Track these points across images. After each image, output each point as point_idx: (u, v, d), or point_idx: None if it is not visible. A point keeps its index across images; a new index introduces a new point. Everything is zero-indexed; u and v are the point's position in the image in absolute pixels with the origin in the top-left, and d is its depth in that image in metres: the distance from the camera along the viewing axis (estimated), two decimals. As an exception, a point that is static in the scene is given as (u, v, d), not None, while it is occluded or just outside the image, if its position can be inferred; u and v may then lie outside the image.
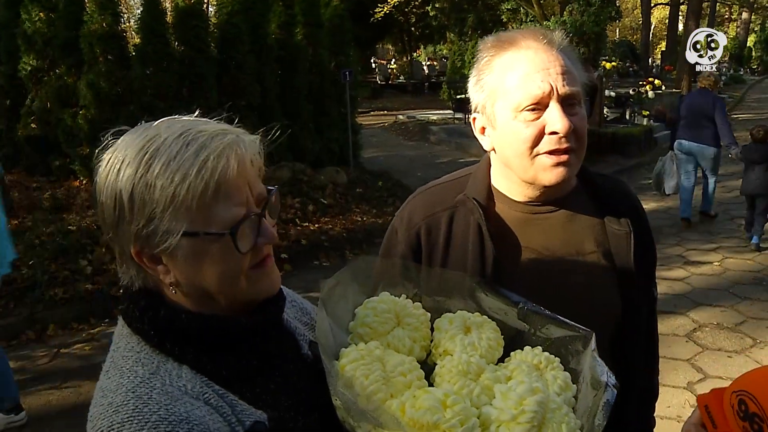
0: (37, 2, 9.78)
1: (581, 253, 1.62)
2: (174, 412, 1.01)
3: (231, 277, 1.11)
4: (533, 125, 1.48)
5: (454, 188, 1.71)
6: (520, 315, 1.30)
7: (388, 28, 30.96)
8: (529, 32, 1.53)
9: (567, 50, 1.53)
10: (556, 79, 1.45)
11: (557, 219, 1.63)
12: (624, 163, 13.83)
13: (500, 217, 1.65)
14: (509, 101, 1.50)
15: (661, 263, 7.60)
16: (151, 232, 1.07)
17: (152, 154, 1.06)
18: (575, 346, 1.24)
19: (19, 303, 6.44)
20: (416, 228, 1.69)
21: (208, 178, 1.04)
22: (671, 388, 4.86)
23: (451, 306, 1.32)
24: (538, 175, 1.52)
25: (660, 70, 29.24)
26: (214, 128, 1.11)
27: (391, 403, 1.04)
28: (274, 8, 11.25)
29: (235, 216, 1.08)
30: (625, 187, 1.80)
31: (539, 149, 1.49)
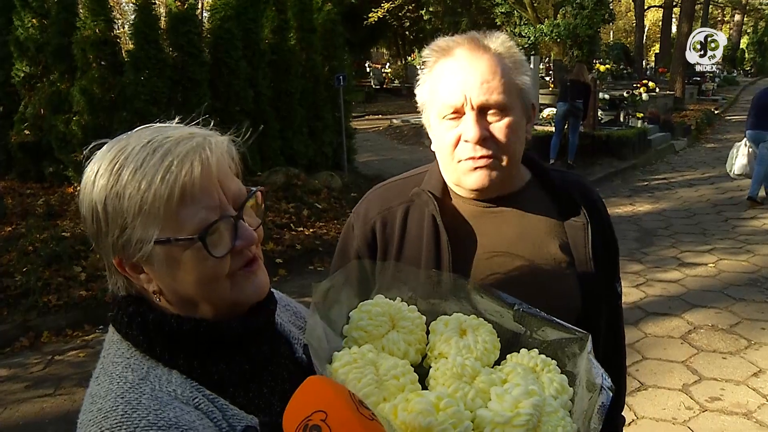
0: (30, 8, 9.77)
1: (538, 246, 1.63)
2: (163, 417, 1.00)
3: (210, 281, 1.10)
4: (452, 132, 1.55)
5: (410, 184, 1.74)
6: (515, 317, 1.29)
7: (381, 32, 31.00)
8: (464, 39, 1.56)
9: (506, 56, 1.56)
10: (473, 89, 1.50)
11: (511, 213, 1.66)
12: (618, 165, 13.85)
13: (455, 209, 1.67)
14: (436, 107, 1.58)
15: (656, 265, 7.64)
16: (126, 242, 1.07)
17: (121, 164, 1.06)
18: (572, 348, 1.24)
19: (13, 310, 6.41)
20: (371, 222, 1.72)
21: (172, 184, 1.03)
22: (666, 390, 4.85)
23: (447, 308, 1.31)
24: (461, 179, 1.59)
25: (654, 72, 29.32)
26: (181, 133, 1.10)
27: (384, 406, 1.03)
28: (266, 13, 11.25)
29: (204, 220, 1.06)
30: (582, 181, 1.83)
31: (458, 155, 1.56)
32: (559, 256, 1.63)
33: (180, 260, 1.07)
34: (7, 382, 5.45)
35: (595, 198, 1.76)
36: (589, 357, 1.17)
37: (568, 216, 1.66)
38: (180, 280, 1.09)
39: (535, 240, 1.64)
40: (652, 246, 8.57)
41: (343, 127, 12.08)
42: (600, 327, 1.69)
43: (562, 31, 17.31)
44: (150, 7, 9.71)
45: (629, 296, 6.72)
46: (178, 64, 9.69)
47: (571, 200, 1.68)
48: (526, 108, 1.60)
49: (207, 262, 1.07)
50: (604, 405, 1.07)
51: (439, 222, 1.62)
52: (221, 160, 1.11)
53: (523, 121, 1.59)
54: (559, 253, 1.63)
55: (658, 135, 16.43)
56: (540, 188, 1.71)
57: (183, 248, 1.07)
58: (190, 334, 1.11)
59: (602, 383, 1.10)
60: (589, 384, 1.13)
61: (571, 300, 1.62)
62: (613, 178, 13.19)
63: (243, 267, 1.14)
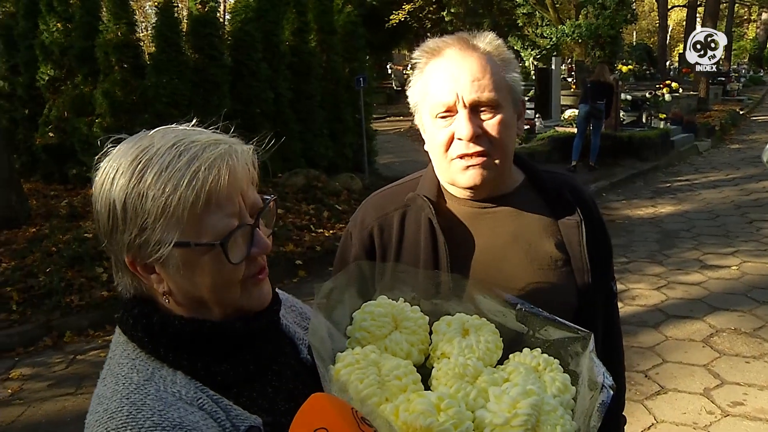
0: (55, 13, 9.92)
1: (533, 245, 1.66)
2: (167, 417, 1.01)
3: (224, 286, 1.12)
4: (445, 130, 1.57)
5: (406, 190, 1.76)
6: (518, 317, 1.30)
7: (403, 33, 30.97)
8: (453, 39, 1.60)
9: (495, 54, 1.59)
10: (464, 88, 1.53)
11: (505, 213, 1.68)
12: (640, 166, 13.72)
13: (451, 212, 1.70)
14: (428, 107, 1.61)
15: (678, 267, 7.56)
16: (143, 242, 1.07)
17: (145, 164, 1.06)
18: (574, 347, 1.24)
19: (36, 310, 6.50)
20: (369, 229, 1.74)
21: (199, 189, 1.04)
22: (687, 394, 4.79)
23: (450, 309, 1.31)
24: (455, 177, 1.62)
25: (677, 72, 29.03)
26: (207, 138, 1.11)
27: (385, 407, 1.03)
28: (287, 15, 11.32)
29: (226, 227, 1.08)
30: (574, 181, 1.85)
31: (451, 153, 1.58)
32: (555, 254, 1.65)
33: (197, 264, 1.09)
34: (30, 380, 5.52)
35: (586, 197, 1.79)
36: (591, 355, 1.17)
37: (561, 215, 1.69)
38: (194, 283, 1.11)
39: (531, 239, 1.66)
40: (674, 248, 8.47)
41: (363, 128, 12.09)
42: (597, 325, 1.71)
43: (584, 32, 17.20)
44: (171, 10, 9.82)
45: (650, 299, 6.67)
46: (198, 66, 9.78)
47: (564, 200, 1.70)
48: (516, 104, 1.62)
49: (224, 267, 1.09)
50: (604, 403, 1.07)
51: (436, 225, 1.65)
52: (245, 169, 1.12)
53: (515, 118, 1.62)
54: (554, 251, 1.66)
55: (681, 136, 16.25)
56: (532, 189, 1.74)
57: (202, 253, 1.08)
58: (194, 335, 1.12)
59: (603, 381, 1.10)
60: (590, 382, 1.13)
61: (567, 297, 1.65)
62: (635, 180, 13.07)
63: (254, 274, 1.15)
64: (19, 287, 6.70)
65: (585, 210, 1.70)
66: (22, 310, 6.47)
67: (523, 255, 1.64)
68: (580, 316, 1.61)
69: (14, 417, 4.91)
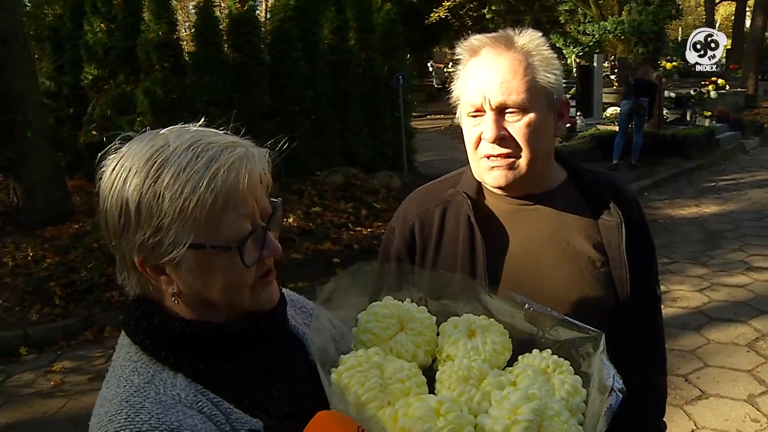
0: (99, 13, 10.11)
1: (571, 245, 1.64)
2: (165, 421, 1.01)
3: (235, 289, 1.11)
4: (475, 130, 1.60)
5: (447, 185, 1.78)
6: (527, 317, 1.27)
7: (444, 31, 30.86)
8: (491, 38, 1.60)
9: (534, 53, 1.57)
10: (492, 90, 1.53)
11: (545, 211, 1.68)
12: (684, 165, 13.42)
13: (489, 209, 1.70)
14: (463, 105, 1.64)
15: (721, 269, 7.37)
16: (157, 243, 1.06)
17: (161, 164, 1.04)
18: (585, 348, 1.20)
19: (78, 305, 6.64)
20: (410, 224, 1.77)
21: (218, 191, 1.03)
22: (730, 400, 4.65)
23: (458, 309, 1.29)
24: (483, 176, 1.64)
25: (725, 69, 28.36)
26: (224, 140, 1.09)
27: (385, 411, 1.01)
28: (326, 13, 11.35)
29: (242, 230, 1.08)
30: (617, 181, 1.83)
31: (479, 152, 1.61)
32: (593, 254, 1.64)
33: (210, 266, 1.08)
34: (71, 373, 5.65)
35: (629, 198, 1.76)
36: (601, 357, 1.14)
37: (601, 215, 1.67)
38: (206, 284, 1.10)
39: (569, 238, 1.65)
40: (718, 249, 8.27)
41: (402, 126, 12.06)
42: (636, 328, 1.69)
43: (627, 29, 16.90)
44: (211, 10, 9.92)
45: (692, 300, 6.52)
46: (238, 65, 9.85)
47: (606, 200, 1.68)
48: (552, 106, 1.60)
49: (237, 269, 1.09)
50: (612, 407, 1.05)
51: (473, 221, 1.65)
52: (261, 173, 1.12)
53: (549, 119, 1.60)
54: (592, 251, 1.64)
55: (727, 134, 15.85)
56: (574, 188, 1.73)
57: (216, 255, 1.07)
58: (195, 337, 1.12)
59: (612, 385, 1.07)
60: (600, 386, 1.10)
61: (604, 299, 1.63)
62: (678, 179, 12.79)
63: (263, 276, 1.15)
64: (62, 282, 6.85)
65: (626, 211, 1.68)
66: (64, 304, 6.62)
67: (559, 254, 1.63)
68: (618, 319, 1.61)
69: (56, 408, 5.03)
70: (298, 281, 7.21)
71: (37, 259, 7.38)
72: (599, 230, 1.66)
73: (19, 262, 7.39)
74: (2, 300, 6.70)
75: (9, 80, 8.21)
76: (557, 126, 1.64)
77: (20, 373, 5.70)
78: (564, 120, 1.67)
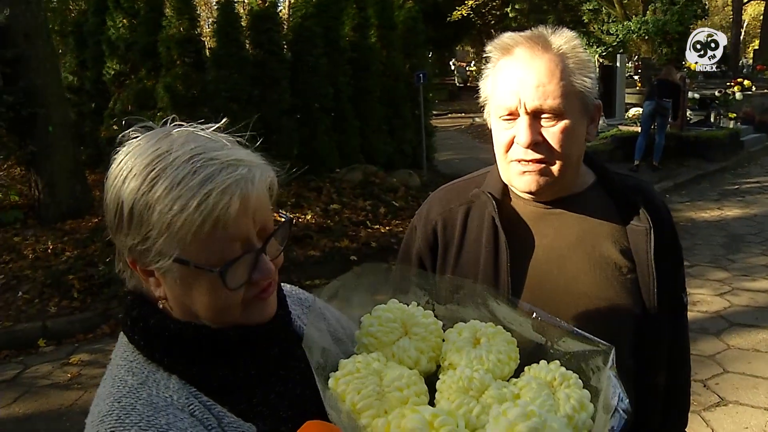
0: (121, 9, 10.18)
1: (598, 250, 1.59)
2: (155, 424, 1.00)
3: (221, 308, 1.08)
4: (507, 133, 1.54)
5: (471, 185, 1.74)
6: (534, 326, 1.22)
7: (466, 29, 30.78)
8: (526, 37, 1.53)
9: (570, 55, 1.51)
10: (528, 93, 1.47)
11: (572, 215, 1.62)
12: (706, 167, 13.25)
13: (515, 211, 1.65)
14: (494, 106, 1.57)
15: (744, 273, 7.26)
16: (145, 250, 1.04)
17: (158, 173, 1.02)
18: (595, 361, 1.15)
19: (96, 298, 6.70)
20: (433, 223, 1.73)
21: (206, 214, 1.00)
22: (750, 408, 4.57)
23: (465, 315, 1.25)
24: (512, 180, 1.58)
25: (751, 70, 27.94)
26: (227, 157, 1.05)
27: (378, 422, 0.98)
28: (347, 11, 11.33)
29: (228, 254, 1.04)
30: (646, 186, 1.77)
31: (510, 156, 1.55)
32: (621, 261, 1.58)
33: (195, 283, 1.06)
34: (88, 366, 5.70)
35: (658, 203, 1.70)
36: (609, 373, 1.08)
37: (630, 221, 1.61)
38: (191, 299, 1.08)
39: (595, 243, 1.60)
40: (740, 253, 8.15)
41: (422, 125, 12.02)
42: (661, 337, 1.64)
43: (651, 29, 16.72)
44: (232, 6, 9.94)
45: (712, 305, 6.42)
46: (258, 61, 9.85)
47: (634, 205, 1.62)
48: (586, 110, 1.55)
49: (221, 291, 1.06)
50: (614, 429, 1.00)
51: (498, 223, 1.61)
52: (260, 194, 1.07)
53: (583, 124, 1.55)
54: (620, 257, 1.58)
55: (752, 136, 15.64)
56: (602, 191, 1.67)
57: (200, 274, 1.05)
58: (190, 340, 1.10)
59: (617, 404, 1.02)
60: (605, 404, 1.04)
61: (631, 306, 1.57)
62: (701, 181, 12.64)
63: (255, 295, 1.11)
64: (81, 275, 6.91)
65: (655, 216, 1.62)
66: (82, 298, 6.68)
67: (585, 259, 1.59)
68: (643, 327, 1.58)
69: (72, 401, 5.08)
70: (315, 278, 7.20)
71: (56, 252, 7.46)
72: (627, 235, 1.61)
73: (39, 254, 7.47)
74: (22, 292, 6.77)
75: (32, 75, 8.30)
76: (589, 131, 1.58)
77: (38, 364, 5.76)
78: (596, 124, 1.61)
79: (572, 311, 1.21)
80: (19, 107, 8.08)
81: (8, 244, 7.81)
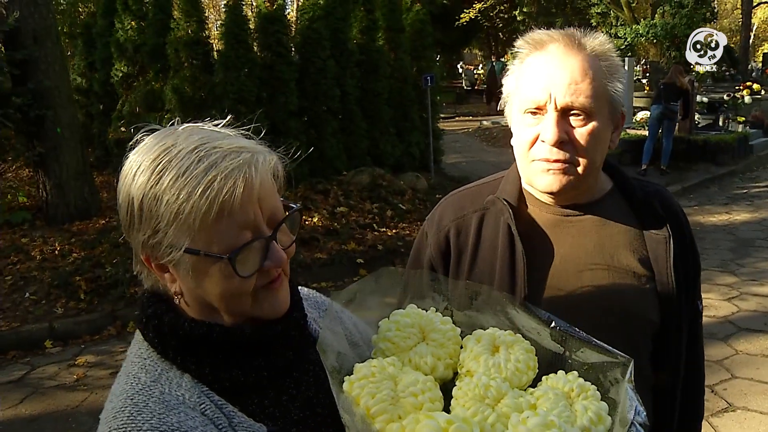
0: (130, 11, 10.24)
1: (616, 258, 1.57)
2: (166, 421, 1.02)
3: (233, 296, 1.09)
4: (531, 129, 1.50)
5: (486, 191, 1.70)
6: (553, 335, 1.21)
7: (474, 32, 30.78)
8: (560, 35, 1.50)
9: (602, 58, 1.49)
10: (560, 88, 1.44)
11: (590, 223, 1.60)
12: (715, 171, 13.21)
13: (531, 218, 1.62)
14: (518, 100, 1.53)
15: (752, 278, 7.23)
16: (156, 244, 1.07)
17: (164, 166, 1.05)
18: (614, 373, 1.14)
19: (102, 300, 6.73)
20: (445, 230, 1.69)
21: (212, 199, 1.02)
22: (758, 414, 4.54)
23: (484, 322, 1.24)
24: (534, 179, 1.54)
25: (761, 73, 27.83)
26: (230, 145, 1.07)
27: (392, 426, 0.97)
28: (355, 13, 11.33)
29: (237, 240, 1.06)
30: (665, 193, 1.74)
31: (533, 154, 1.51)
32: (639, 269, 1.57)
33: (207, 272, 1.07)
34: (94, 367, 5.73)
35: (677, 210, 1.68)
36: (627, 387, 1.07)
37: (649, 228, 1.60)
38: (204, 289, 1.10)
39: (614, 252, 1.58)
40: (749, 257, 8.11)
41: (430, 127, 12.02)
42: (678, 344, 1.63)
43: (659, 32, 16.70)
44: (240, 8, 9.95)
45: (720, 310, 6.40)
46: (266, 63, 9.85)
47: (653, 212, 1.61)
48: (613, 116, 1.53)
49: (233, 279, 1.07)
50: None
51: (514, 231, 1.58)
52: (265, 180, 1.08)
53: (608, 130, 1.53)
54: (638, 266, 1.57)
55: (761, 140, 15.59)
56: (621, 198, 1.65)
57: (211, 262, 1.06)
58: (203, 339, 1.11)
59: (633, 418, 1.01)
60: (622, 418, 1.03)
61: (650, 315, 1.57)
62: (709, 185, 12.60)
63: (267, 284, 1.12)
64: (88, 277, 6.94)
65: (675, 224, 1.61)
66: (89, 299, 6.71)
67: (604, 268, 1.56)
68: (663, 336, 1.58)
69: (78, 402, 5.10)
70: (322, 281, 7.21)
71: (64, 254, 7.48)
72: (645, 243, 1.59)
73: (47, 256, 7.49)
74: (29, 293, 6.79)
75: (41, 77, 8.34)
76: (612, 137, 1.56)
77: (45, 365, 5.79)
78: (619, 132, 1.59)
79: (591, 321, 1.19)
80: (27, 109, 8.12)
81: (16, 245, 7.84)
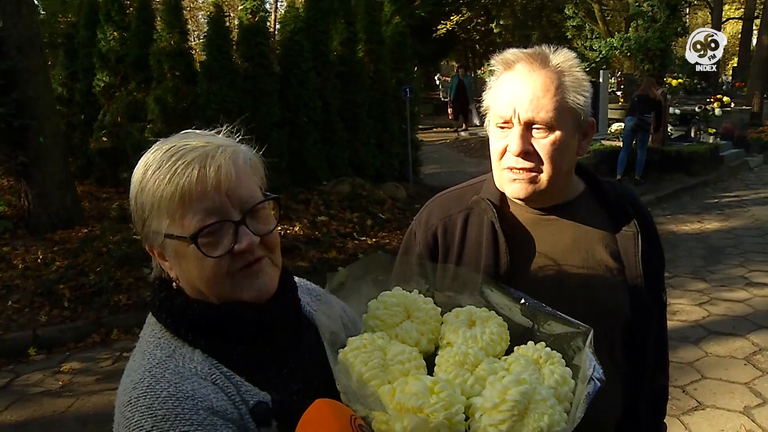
0: (113, 22, 10.28)
1: (590, 253, 1.71)
2: (182, 389, 1.14)
3: (210, 278, 1.21)
4: (501, 141, 1.65)
5: (470, 192, 1.83)
6: (523, 311, 1.37)
7: (452, 45, 30.99)
8: (527, 54, 1.64)
9: (567, 73, 1.62)
10: (522, 105, 1.58)
11: (566, 222, 1.74)
12: (687, 181, 13.47)
13: (513, 216, 1.76)
14: (492, 115, 1.69)
15: (722, 284, 7.43)
16: (149, 232, 1.23)
17: (149, 164, 1.22)
18: (576, 342, 1.29)
19: (87, 307, 6.74)
20: (433, 229, 1.82)
21: (175, 185, 1.17)
22: (726, 411, 4.72)
23: (462, 301, 1.40)
24: (504, 186, 1.70)
25: (731, 86, 28.39)
26: (199, 141, 1.23)
27: (384, 387, 1.12)
28: (336, 25, 11.44)
29: (199, 222, 1.18)
30: (633, 193, 1.91)
31: (504, 163, 1.66)
32: (611, 263, 1.71)
33: (185, 255, 1.21)
34: (79, 374, 5.74)
35: (644, 210, 1.84)
36: (587, 351, 1.22)
37: (619, 225, 1.75)
38: (186, 272, 1.24)
39: (588, 247, 1.72)
40: (719, 264, 8.33)
41: (408, 138, 12.16)
42: (647, 332, 1.77)
43: (633, 45, 17.00)
44: (222, 20, 10.02)
45: (691, 314, 6.59)
46: (248, 74, 9.93)
47: (623, 210, 1.76)
48: (579, 126, 1.66)
49: (205, 261, 1.19)
50: (590, 394, 1.12)
51: (498, 228, 1.71)
52: (227, 168, 1.20)
53: (574, 138, 1.65)
54: (610, 260, 1.71)
55: (731, 151, 15.89)
56: (593, 199, 1.80)
57: (185, 245, 1.20)
58: (209, 319, 1.24)
59: (591, 374, 1.15)
60: (582, 375, 1.18)
61: (621, 305, 1.71)
62: (682, 195, 12.84)
63: (244, 267, 1.24)
64: (72, 285, 6.95)
65: (642, 222, 1.76)
66: (73, 307, 6.72)
67: (581, 263, 1.70)
68: (633, 324, 1.72)
69: (64, 408, 5.12)
70: (304, 288, 7.26)
71: (47, 262, 7.48)
72: (616, 239, 1.74)
73: (30, 264, 7.49)
74: (12, 301, 6.79)
75: (24, 87, 8.34)
76: (581, 145, 1.69)
77: (29, 373, 5.79)
78: (588, 140, 1.72)
79: (568, 312, 1.33)
80: (10, 118, 8.13)
81: (-3, 254, 7.84)
